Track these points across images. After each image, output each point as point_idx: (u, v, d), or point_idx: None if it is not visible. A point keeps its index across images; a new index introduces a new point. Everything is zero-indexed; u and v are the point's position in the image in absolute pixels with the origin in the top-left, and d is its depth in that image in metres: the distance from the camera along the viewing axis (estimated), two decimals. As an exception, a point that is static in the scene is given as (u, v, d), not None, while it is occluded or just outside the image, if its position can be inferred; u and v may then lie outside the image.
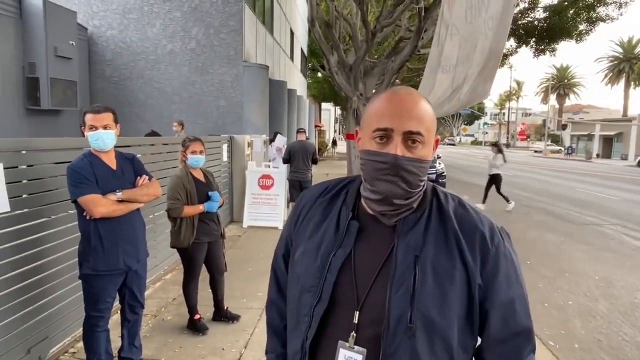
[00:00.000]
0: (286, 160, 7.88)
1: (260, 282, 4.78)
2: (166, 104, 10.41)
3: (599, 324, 4.34)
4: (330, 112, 45.11)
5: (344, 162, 18.43)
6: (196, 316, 3.73)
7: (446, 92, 3.89)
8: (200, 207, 3.57)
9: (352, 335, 0.96)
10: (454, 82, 3.76)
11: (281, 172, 8.02)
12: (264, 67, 11.03)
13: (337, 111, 46.04)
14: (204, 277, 3.80)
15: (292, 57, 19.76)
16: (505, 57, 16.40)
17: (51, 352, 3.12)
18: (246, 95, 10.31)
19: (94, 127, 2.58)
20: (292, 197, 8.15)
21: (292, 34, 19.89)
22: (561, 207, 11.28)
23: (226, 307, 3.95)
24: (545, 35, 14.28)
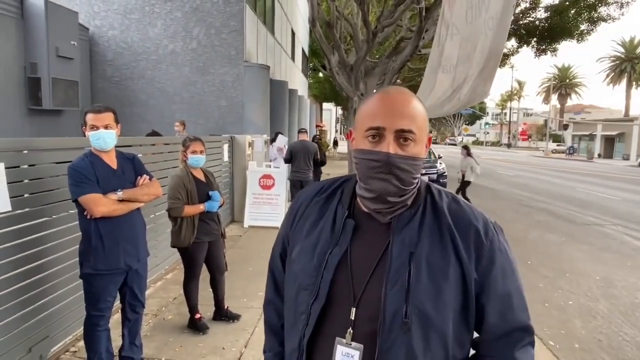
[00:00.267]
0: (287, 160, 7.90)
1: (260, 281, 4.79)
2: (167, 104, 10.43)
3: (600, 324, 4.34)
4: (331, 112, 45.13)
5: (345, 162, 18.43)
6: (197, 315, 3.74)
7: (447, 92, 3.90)
8: (200, 207, 3.58)
9: (349, 331, 0.97)
10: (455, 82, 3.76)
11: (282, 172, 8.03)
12: (265, 67, 11.04)
13: (338, 111, 46.07)
14: (204, 276, 3.81)
15: (293, 57, 19.77)
16: (506, 57, 16.38)
17: (52, 351, 3.13)
18: (247, 95, 10.32)
19: (95, 127, 2.59)
20: (293, 197, 8.17)
21: (293, 34, 19.90)
22: (562, 207, 11.27)
23: (227, 307, 3.96)
24: (546, 35, 14.27)
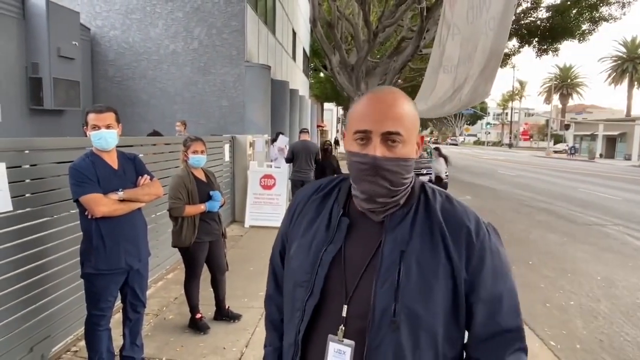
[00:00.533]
0: (289, 159, 7.91)
1: (261, 281, 4.77)
2: (168, 104, 10.44)
3: (601, 324, 4.33)
4: (332, 112, 45.06)
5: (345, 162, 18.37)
6: (197, 315, 3.74)
7: (448, 92, 3.90)
8: (201, 207, 3.58)
9: (341, 328, 0.99)
10: (456, 82, 3.76)
11: (283, 171, 8.03)
12: (266, 67, 11.04)
13: (340, 111, 46.03)
14: (205, 276, 3.81)
15: (294, 57, 19.77)
16: (507, 57, 16.37)
17: (53, 351, 3.14)
18: (248, 95, 10.32)
19: (96, 127, 2.59)
20: (294, 197, 8.16)
21: (294, 34, 19.89)
22: (563, 207, 11.25)
23: (227, 307, 3.96)
24: (548, 35, 14.27)
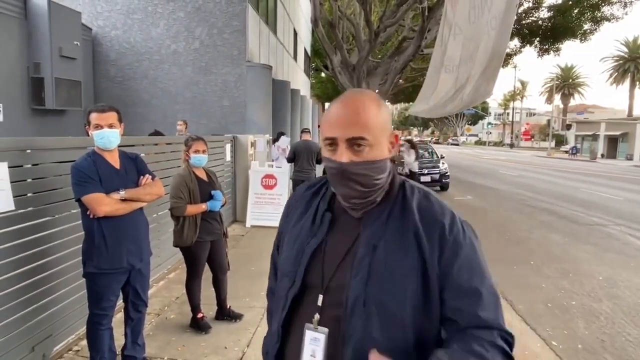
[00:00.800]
0: (291, 159, 7.91)
1: (263, 281, 4.75)
2: (170, 104, 10.45)
3: (603, 325, 4.33)
4: (333, 112, 45.13)
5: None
6: (199, 315, 3.74)
7: (449, 92, 3.89)
8: (203, 206, 3.58)
9: (316, 316, 1.05)
10: (457, 82, 3.76)
11: (284, 171, 8.03)
12: (267, 67, 11.04)
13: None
14: (207, 276, 3.81)
15: (295, 57, 19.77)
16: (509, 56, 16.36)
17: (55, 350, 3.14)
18: (249, 95, 10.33)
19: (99, 126, 2.60)
20: (296, 196, 8.16)
21: (296, 34, 19.90)
22: (565, 207, 11.23)
23: (229, 306, 3.96)
24: (549, 34, 14.25)
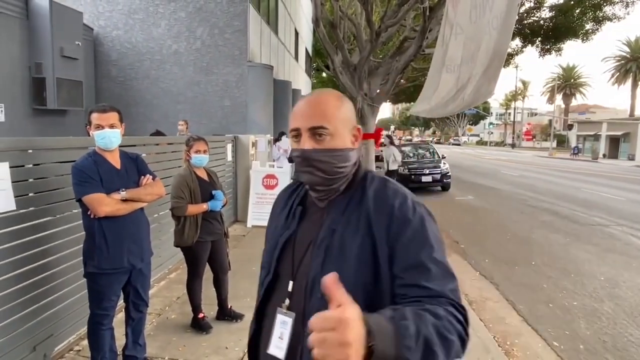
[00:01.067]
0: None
1: (264, 281, 4.78)
2: (171, 104, 10.46)
3: (605, 325, 4.32)
4: (334, 112, 45.14)
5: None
6: (200, 315, 3.75)
7: (450, 92, 3.88)
8: (203, 206, 3.58)
9: (287, 301, 1.12)
10: (459, 82, 3.75)
11: (285, 171, 8.03)
12: (268, 67, 11.04)
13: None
14: (207, 276, 3.82)
15: (296, 57, 19.77)
16: (510, 56, 16.31)
17: (56, 350, 3.15)
18: (251, 95, 10.33)
19: (100, 126, 2.60)
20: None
21: (297, 34, 19.90)
22: (567, 207, 11.20)
23: (230, 306, 3.97)
24: (551, 34, 14.21)
